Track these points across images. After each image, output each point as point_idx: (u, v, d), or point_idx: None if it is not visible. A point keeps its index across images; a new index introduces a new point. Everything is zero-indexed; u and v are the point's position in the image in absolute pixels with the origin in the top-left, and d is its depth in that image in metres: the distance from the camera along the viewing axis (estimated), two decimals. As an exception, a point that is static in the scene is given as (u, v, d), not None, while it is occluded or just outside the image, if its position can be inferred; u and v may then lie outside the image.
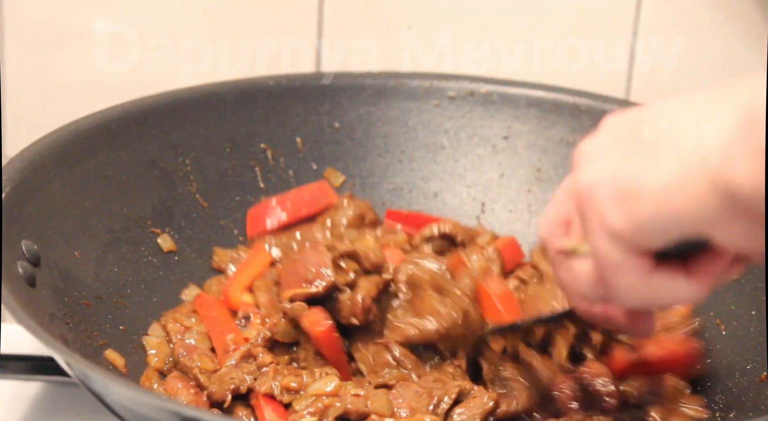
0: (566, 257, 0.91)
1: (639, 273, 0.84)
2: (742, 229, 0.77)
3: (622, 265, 0.84)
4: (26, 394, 1.21)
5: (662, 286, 0.85)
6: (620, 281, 0.85)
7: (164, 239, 1.25)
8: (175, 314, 1.20)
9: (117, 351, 1.13)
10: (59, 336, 1.03)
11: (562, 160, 1.32)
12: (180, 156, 1.29)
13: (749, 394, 1.10)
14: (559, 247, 0.92)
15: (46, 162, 1.16)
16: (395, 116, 1.36)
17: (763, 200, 0.74)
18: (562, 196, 0.92)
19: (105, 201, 1.21)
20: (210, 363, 1.13)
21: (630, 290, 0.85)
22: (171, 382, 1.12)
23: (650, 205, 0.79)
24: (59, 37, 1.45)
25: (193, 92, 1.31)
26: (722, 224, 0.77)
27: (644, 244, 0.82)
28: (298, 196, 1.30)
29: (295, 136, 1.35)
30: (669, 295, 0.86)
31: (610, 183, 0.81)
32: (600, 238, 0.83)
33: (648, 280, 0.84)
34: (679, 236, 0.80)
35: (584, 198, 0.84)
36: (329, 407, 1.03)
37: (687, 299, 0.88)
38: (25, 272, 1.06)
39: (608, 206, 0.82)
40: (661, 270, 0.84)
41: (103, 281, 1.18)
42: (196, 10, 1.43)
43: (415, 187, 1.36)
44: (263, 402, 1.07)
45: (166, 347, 1.17)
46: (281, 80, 1.35)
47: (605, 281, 0.86)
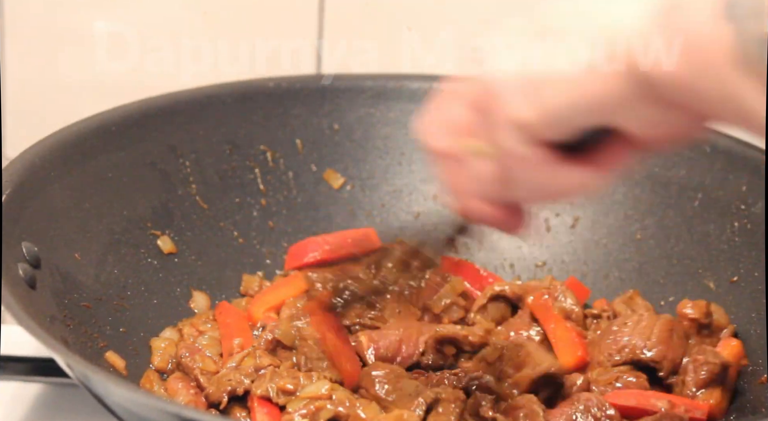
0: (459, 158, 0.88)
1: (545, 166, 0.82)
2: (653, 115, 0.77)
3: (528, 158, 0.82)
4: (26, 395, 1.21)
5: (566, 176, 0.83)
6: (525, 175, 0.83)
7: (164, 241, 1.25)
8: (192, 320, 1.21)
9: (117, 353, 1.13)
10: (60, 338, 1.03)
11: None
12: (180, 158, 1.29)
13: (750, 396, 1.10)
14: (450, 149, 0.89)
15: (47, 164, 1.16)
16: (395, 118, 1.36)
17: (676, 88, 0.73)
18: (448, 98, 0.90)
19: (105, 203, 1.21)
20: (212, 365, 1.13)
21: (534, 185, 0.84)
22: (171, 382, 1.12)
23: (559, 93, 0.78)
24: (59, 37, 1.45)
25: (192, 94, 1.31)
26: (633, 110, 0.76)
27: (553, 134, 0.81)
28: (342, 238, 1.29)
29: (295, 137, 1.35)
30: (572, 186, 0.84)
31: (517, 74, 0.80)
32: (506, 131, 0.81)
33: (553, 171, 0.83)
34: (588, 124, 0.79)
35: (489, 92, 0.82)
36: (321, 409, 1.04)
37: (588, 189, 0.85)
38: (26, 274, 1.06)
39: (515, 98, 0.80)
40: (566, 162, 0.83)
41: (103, 283, 1.18)
42: (196, 10, 1.43)
43: (414, 190, 1.36)
44: (257, 404, 1.07)
45: (172, 349, 1.17)
46: (281, 82, 1.35)
47: (509, 177, 0.84)
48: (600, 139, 0.83)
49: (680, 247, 1.25)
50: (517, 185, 0.85)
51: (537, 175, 0.83)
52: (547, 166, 0.82)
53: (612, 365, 1.12)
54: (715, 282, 1.21)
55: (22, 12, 1.44)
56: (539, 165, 0.82)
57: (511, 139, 0.81)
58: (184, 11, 1.44)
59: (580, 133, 0.80)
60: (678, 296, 1.23)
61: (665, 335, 1.13)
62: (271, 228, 1.32)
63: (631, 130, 0.79)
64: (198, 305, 1.25)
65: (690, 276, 1.23)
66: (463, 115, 0.87)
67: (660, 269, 1.26)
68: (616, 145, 0.84)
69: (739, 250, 1.20)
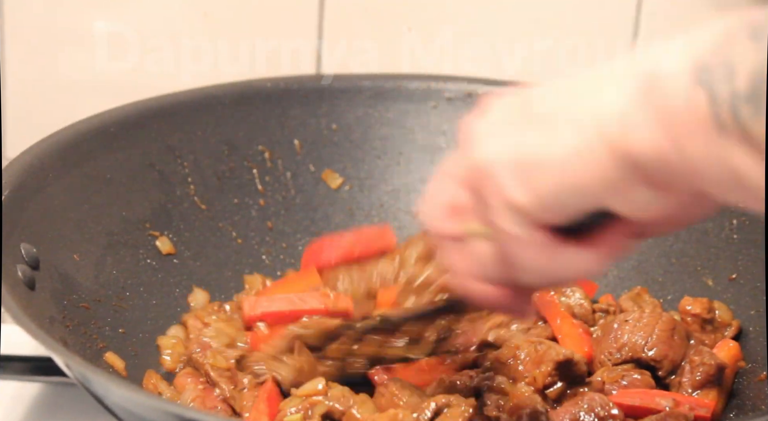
0: (459, 240, 0.88)
1: (544, 249, 0.82)
2: (644, 197, 0.76)
3: (526, 241, 0.81)
4: (26, 394, 1.22)
5: (567, 260, 0.83)
6: (525, 257, 0.83)
7: (163, 242, 1.25)
8: (197, 312, 1.22)
9: (117, 354, 1.13)
10: (59, 339, 1.03)
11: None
12: (178, 159, 1.29)
13: (749, 393, 1.10)
14: (450, 231, 0.89)
15: (45, 165, 1.16)
16: (393, 118, 1.36)
17: (663, 165, 0.73)
18: (444, 178, 0.89)
19: (104, 204, 1.21)
20: (223, 362, 1.13)
21: (535, 267, 0.83)
22: (180, 378, 1.13)
23: (551, 179, 0.78)
24: (59, 37, 1.45)
25: (191, 95, 1.31)
26: (624, 193, 0.76)
27: (548, 218, 0.80)
28: (359, 236, 1.28)
29: (293, 138, 1.35)
30: (573, 269, 0.84)
31: (510, 159, 0.79)
32: (502, 215, 0.81)
33: (553, 255, 0.82)
34: (582, 208, 0.79)
35: (483, 176, 0.82)
36: (316, 405, 1.04)
37: (590, 273, 0.85)
38: (25, 276, 1.06)
39: (509, 183, 0.80)
40: (565, 244, 0.82)
41: (102, 284, 1.18)
42: (196, 10, 1.43)
43: (413, 189, 1.36)
44: (270, 389, 1.08)
45: (181, 348, 1.17)
46: (279, 82, 1.35)
47: (508, 259, 0.84)
48: (600, 222, 0.83)
49: (679, 245, 1.25)
50: (519, 267, 0.84)
51: (537, 258, 0.83)
52: (546, 249, 0.82)
53: (613, 364, 1.12)
54: (714, 280, 1.21)
55: (22, 12, 1.44)
56: (539, 247, 0.82)
57: (508, 222, 0.81)
58: (184, 11, 1.44)
59: (579, 215, 0.80)
60: (677, 294, 1.23)
61: (666, 334, 1.13)
62: (270, 228, 1.32)
63: (624, 213, 0.78)
64: (197, 301, 1.25)
65: (689, 274, 1.23)
66: (460, 195, 0.87)
67: (659, 266, 1.26)
68: (618, 228, 0.84)
69: (737, 247, 1.20)
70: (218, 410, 1.08)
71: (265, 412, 1.06)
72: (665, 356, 1.12)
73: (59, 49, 1.46)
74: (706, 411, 1.07)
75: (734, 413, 1.09)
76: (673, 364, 1.12)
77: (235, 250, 1.29)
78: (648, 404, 1.08)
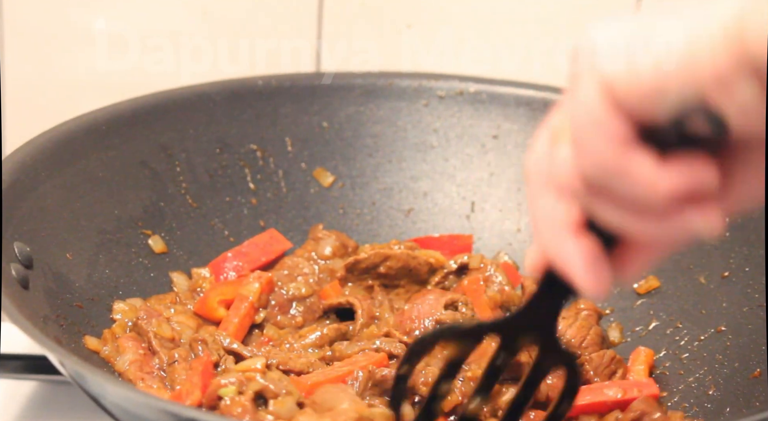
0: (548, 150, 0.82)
1: (615, 141, 0.76)
2: (746, 94, 0.73)
3: (600, 124, 0.76)
4: (22, 392, 1.21)
5: (633, 165, 0.76)
6: (593, 146, 0.77)
7: (155, 241, 1.25)
8: (161, 296, 1.22)
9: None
10: (53, 338, 1.03)
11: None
12: (170, 157, 1.29)
13: (743, 390, 1.10)
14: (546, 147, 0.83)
15: (37, 164, 1.16)
16: (385, 116, 1.36)
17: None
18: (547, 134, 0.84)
19: (96, 202, 1.21)
20: (168, 331, 1.14)
21: (598, 160, 0.77)
22: (123, 341, 1.13)
23: (654, 57, 0.74)
24: (59, 37, 1.45)
25: (182, 93, 1.31)
26: (728, 84, 0.72)
27: (635, 103, 0.75)
28: (252, 246, 1.28)
29: (285, 136, 1.35)
30: (635, 179, 0.77)
31: (614, 35, 0.76)
32: (587, 84, 0.76)
33: (622, 153, 0.76)
34: (678, 102, 0.74)
35: (582, 49, 0.78)
36: (251, 380, 1.03)
37: (651, 195, 0.77)
38: (18, 275, 1.06)
39: (607, 52, 0.76)
40: (638, 149, 0.76)
41: (95, 282, 1.18)
42: (196, 10, 1.43)
43: (405, 187, 1.36)
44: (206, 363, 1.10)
45: (133, 313, 1.17)
46: (270, 81, 1.35)
47: (578, 147, 0.78)
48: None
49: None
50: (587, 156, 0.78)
51: (604, 150, 0.76)
52: (617, 142, 0.76)
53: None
54: (707, 277, 1.21)
55: (22, 12, 1.44)
56: (609, 137, 0.76)
57: (591, 94, 0.76)
58: (184, 11, 1.43)
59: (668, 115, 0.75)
60: (670, 291, 1.23)
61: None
62: (262, 227, 1.32)
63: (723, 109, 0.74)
64: (179, 286, 1.24)
65: (681, 272, 1.23)
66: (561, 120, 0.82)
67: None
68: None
69: (730, 245, 1.20)
70: (153, 376, 1.09)
71: (198, 385, 1.06)
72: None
73: (59, 48, 1.45)
74: (655, 389, 1.12)
75: (729, 410, 1.09)
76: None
77: (228, 248, 1.29)
78: (599, 397, 1.10)
